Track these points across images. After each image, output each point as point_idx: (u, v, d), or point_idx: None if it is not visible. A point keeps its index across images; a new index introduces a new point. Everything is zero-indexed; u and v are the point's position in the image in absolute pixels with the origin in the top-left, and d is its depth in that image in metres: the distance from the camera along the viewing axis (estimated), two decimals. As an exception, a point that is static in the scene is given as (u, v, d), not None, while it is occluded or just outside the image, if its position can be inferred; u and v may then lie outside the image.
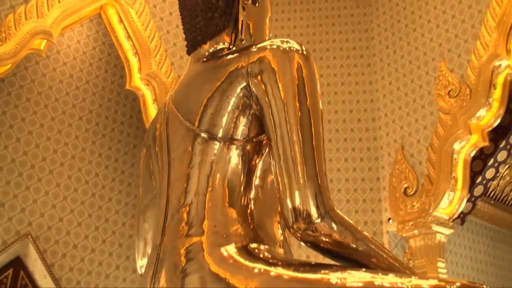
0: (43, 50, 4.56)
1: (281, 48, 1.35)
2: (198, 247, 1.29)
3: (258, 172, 1.40)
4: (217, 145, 1.37)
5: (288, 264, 1.22)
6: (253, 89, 1.34)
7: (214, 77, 1.41)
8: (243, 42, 1.58)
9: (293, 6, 6.53)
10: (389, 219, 5.29)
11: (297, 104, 1.29)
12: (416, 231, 4.87)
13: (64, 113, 5.58)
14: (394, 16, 5.99)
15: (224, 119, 1.36)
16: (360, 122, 5.91)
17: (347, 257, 1.25)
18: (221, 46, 1.56)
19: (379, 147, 5.75)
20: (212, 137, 1.37)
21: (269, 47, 1.37)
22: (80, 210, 5.40)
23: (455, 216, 5.01)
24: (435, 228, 4.80)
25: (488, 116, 4.75)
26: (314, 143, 1.28)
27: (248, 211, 1.36)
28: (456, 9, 5.23)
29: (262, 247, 1.31)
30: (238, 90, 1.36)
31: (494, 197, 6.53)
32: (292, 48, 1.35)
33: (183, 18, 1.65)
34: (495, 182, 6.33)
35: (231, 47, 1.55)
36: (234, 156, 1.37)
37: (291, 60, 1.32)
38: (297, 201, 1.23)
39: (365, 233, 1.28)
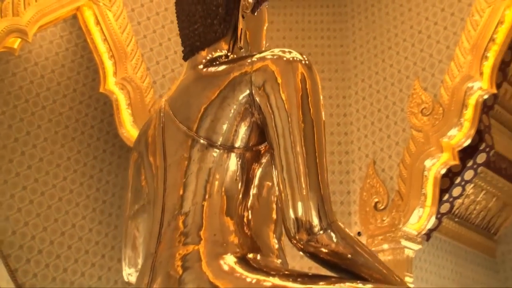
0: (17, 49, 4.44)
1: (285, 58, 1.36)
2: (195, 256, 1.28)
3: (256, 181, 1.40)
4: (216, 153, 1.36)
5: (287, 275, 1.22)
6: (256, 98, 1.33)
7: (215, 83, 1.41)
8: (241, 50, 1.59)
9: (271, 17, 6.55)
10: (359, 232, 5.33)
11: (301, 115, 1.29)
12: (385, 246, 4.92)
13: (34, 115, 5.44)
14: (370, 33, 6.08)
15: (225, 126, 1.35)
16: (333, 135, 5.96)
17: (344, 268, 1.26)
18: (219, 53, 1.56)
19: (351, 161, 5.80)
20: (212, 144, 1.36)
21: (273, 56, 1.37)
22: (46, 215, 5.26)
23: (423, 232, 5.09)
24: (404, 243, 4.87)
25: (459, 135, 4.84)
26: (317, 155, 1.28)
27: (246, 220, 1.36)
28: (431, 30, 5.34)
29: (259, 257, 1.31)
30: (240, 97, 1.35)
31: (458, 215, 6.66)
32: (295, 58, 1.36)
33: (180, 23, 1.64)
34: (460, 200, 6.45)
35: (229, 54, 1.56)
36: (233, 164, 1.36)
37: (295, 70, 1.33)
38: (300, 212, 1.23)
39: (364, 245, 1.30)
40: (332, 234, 1.24)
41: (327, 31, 6.47)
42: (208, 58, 1.56)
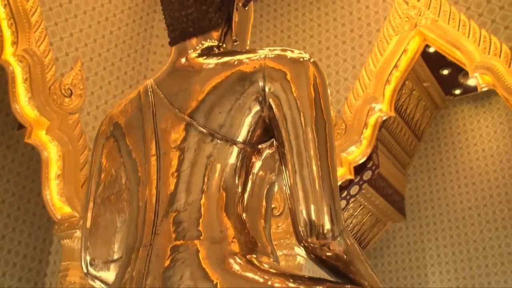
0: None
1: (297, 58, 1.35)
2: (197, 253, 1.24)
3: (252, 177, 1.37)
4: (218, 145, 1.32)
5: (292, 276, 1.23)
6: (269, 96, 1.32)
7: (221, 74, 1.37)
8: (236, 43, 1.57)
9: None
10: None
11: (315, 118, 1.29)
12: (279, 252, 5.03)
13: None
14: (278, 41, 6.20)
15: (230, 119, 1.33)
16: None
17: (346, 275, 1.29)
18: (210, 43, 1.52)
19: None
20: (215, 136, 1.32)
21: (285, 55, 1.36)
22: None
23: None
24: (297, 250, 5.00)
25: (357, 152, 5.10)
26: (329, 158, 1.28)
27: (243, 217, 1.33)
28: (339, 48, 5.58)
29: (261, 257, 1.29)
30: (250, 93, 1.33)
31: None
32: (305, 58, 1.36)
33: (169, 5, 1.57)
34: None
35: (220, 45, 1.53)
36: (233, 158, 1.33)
37: (307, 70, 1.33)
38: (313, 215, 1.24)
39: (363, 253, 1.33)
40: (342, 241, 1.26)
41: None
42: (200, 46, 1.51)
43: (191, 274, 1.20)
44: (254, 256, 1.27)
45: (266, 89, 1.31)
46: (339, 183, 4.52)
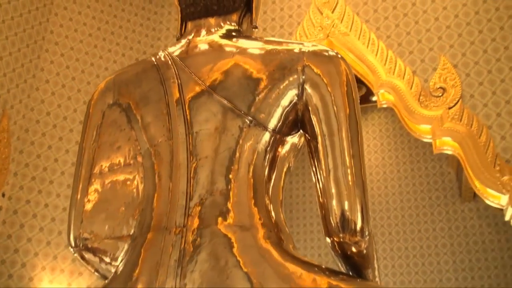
0: None
1: (332, 55, 1.37)
2: (248, 239, 1.21)
3: (277, 168, 1.37)
4: (256, 132, 1.32)
5: (319, 266, 1.23)
6: (307, 90, 1.32)
7: (261, 61, 1.36)
8: (255, 30, 1.57)
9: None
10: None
11: (348, 115, 1.31)
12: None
13: None
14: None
15: (270, 108, 1.32)
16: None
17: (359, 269, 1.34)
18: (230, 26, 1.51)
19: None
20: (253, 123, 1.31)
21: (322, 52, 1.37)
22: None
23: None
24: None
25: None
26: (361, 157, 1.31)
27: (271, 206, 1.32)
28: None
29: (288, 246, 1.28)
30: (290, 84, 1.33)
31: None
32: (338, 55, 1.38)
33: None
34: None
35: (240, 30, 1.52)
36: (266, 147, 1.33)
37: (340, 67, 1.35)
38: (347, 212, 1.25)
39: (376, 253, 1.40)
40: (368, 240, 1.30)
41: (141, 10, 6.40)
42: (221, 27, 1.49)
43: (236, 261, 1.17)
44: (285, 244, 1.27)
45: (304, 84, 1.32)
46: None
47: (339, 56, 1.38)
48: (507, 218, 4.53)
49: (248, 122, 1.31)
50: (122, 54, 6.24)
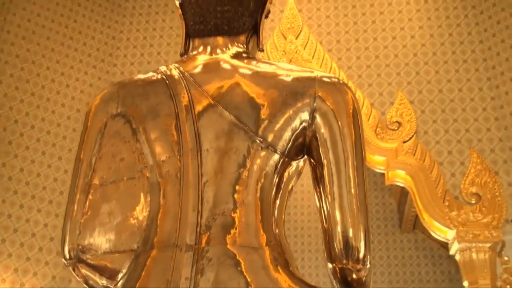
0: None
1: (342, 85, 1.41)
2: (259, 261, 1.22)
3: (282, 190, 1.39)
4: (266, 154, 1.33)
5: None
6: (316, 119, 1.35)
7: (275, 85, 1.38)
8: (261, 52, 1.60)
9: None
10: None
11: (355, 143, 1.34)
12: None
13: None
14: (140, 38, 6.15)
15: (281, 131, 1.34)
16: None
17: None
18: (238, 47, 1.52)
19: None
20: (264, 144, 1.33)
21: (333, 81, 1.40)
22: None
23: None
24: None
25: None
26: (365, 186, 1.34)
27: (277, 229, 1.34)
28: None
29: (294, 269, 1.31)
30: (301, 110, 1.35)
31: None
32: (346, 84, 1.42)
33: None
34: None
35: (247, 51, 1.53)
36: (274, 169, 1.34)
37: (348, 97, 1.38)
38: (351, 239, 1.28)
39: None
40: (370, 269, 1.33)
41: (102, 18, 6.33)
42: (230, 47, 1.51)
43: (251, 281, 1.18)
44: (291, 266, 1.28)
45: (315, 112, 1.35)
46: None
47: (347, 85, 1.42)
48: (451, 252, 4.72)
49: (258, 143, 1.32)
50: (80, 61, 6.11)
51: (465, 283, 4.48)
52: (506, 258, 4.43)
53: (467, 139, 5.00)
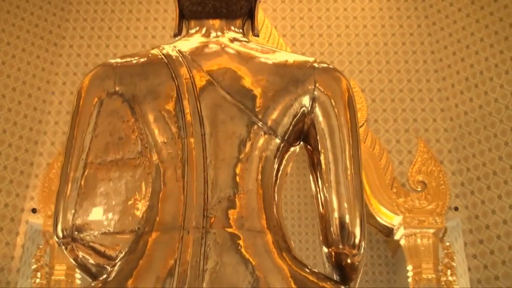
0: None
1: (339, 73, 1.44)
2: (265, 245, 1.24)
3: (281, 174, 1.42)
4: (268, 139, 1.35)
5: (336, 282, 1.32)
6: (315, 106, 1.39)
7: (276, 72, 1.40)
8: (257, 37, 1.61)
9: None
10: (34, 209, 5.06)
11: (351, 130, 1.39)
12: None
13: None
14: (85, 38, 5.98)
15: (283, 117, 1.36)
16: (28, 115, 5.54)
17: (345, 280, 1.39)
18: (236, 31, 1.53)
19: (43, 132, 5.50)
20: (267, 130, 1.34)
21: (331, 70, 1.44)
22: None
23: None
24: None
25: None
26: (361, 174, 1.39)
27: (277, 213, 1.36)
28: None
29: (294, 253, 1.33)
30: (302, 97, 1.38)
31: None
32: (342, 73, 1.46)
33: None
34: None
35: (244, 35, 1.55)
36: (275, 154, 1.37)
37: (345, 86, 1.42)
38: (347, 225, 1.32)
39: None
40: (363, 255, 1.36)
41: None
42: (228, 31, 1.51)
43: (257, 265, 1.19)
44: (292, 250, 1.30)
45: (315, 100, 1.38)
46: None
47: (342, 73, 1.46)
48: (397, 237, 4.90)
49: (261, 127, 1.34)
50: (18, 69, 5.64)
51: (409, 267, 4.67)
52: (447, 244, 4.65)
53: (415, 128, 5.18)
